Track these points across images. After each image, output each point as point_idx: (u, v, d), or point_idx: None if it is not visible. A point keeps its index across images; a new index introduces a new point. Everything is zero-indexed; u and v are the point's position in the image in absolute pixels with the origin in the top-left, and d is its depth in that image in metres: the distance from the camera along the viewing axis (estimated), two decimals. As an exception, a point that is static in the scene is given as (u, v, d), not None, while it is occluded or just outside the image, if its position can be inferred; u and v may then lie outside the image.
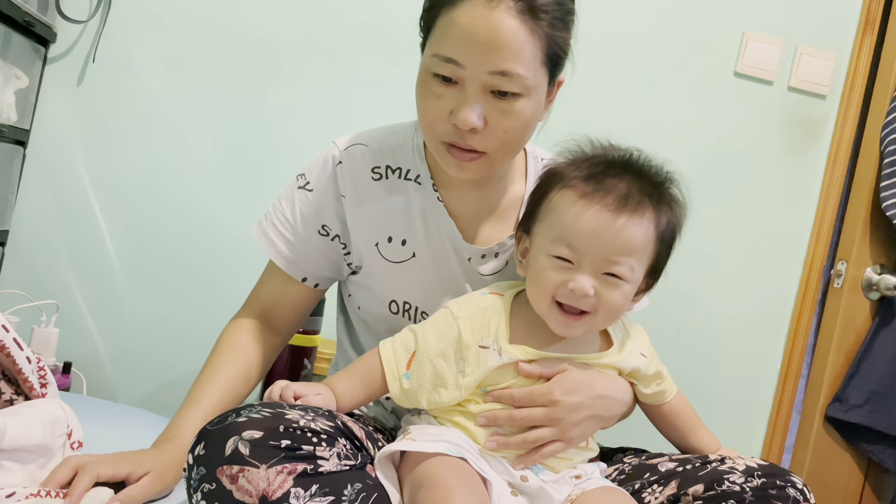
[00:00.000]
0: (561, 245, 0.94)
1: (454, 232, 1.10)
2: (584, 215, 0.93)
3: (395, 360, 0.99)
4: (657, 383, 1.06)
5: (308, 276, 1.14)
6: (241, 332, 1.13)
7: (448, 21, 0.94)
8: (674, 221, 0.98)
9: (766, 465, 0.97)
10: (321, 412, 0.91)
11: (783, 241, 1.93)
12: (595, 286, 0.93)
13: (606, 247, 0.92)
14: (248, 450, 0.81)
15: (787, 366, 1.94)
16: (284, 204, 1.13)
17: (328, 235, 1.12)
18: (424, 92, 0.98)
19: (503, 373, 0.97)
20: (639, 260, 0.95)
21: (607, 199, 0.92)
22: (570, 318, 0.95)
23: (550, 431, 0.96)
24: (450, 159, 1.00)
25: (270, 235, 1.13)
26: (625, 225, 0.92)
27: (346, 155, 1.11)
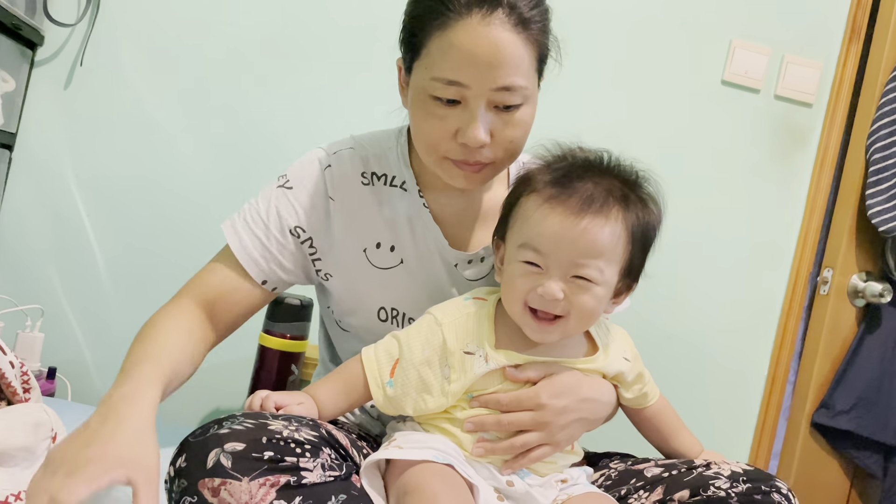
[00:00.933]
0: (528, 250, 0.93)
1: (440, 238, 1.09)
2: (548, 219, 0.92)
3: (377, 369, 0.99)
4: (639, 387, 1.06)
5: (269, 280, 1.07)
6: (185, 316, 1.00)
7: (444, 43, 0.94)
8: (647, 220, 0.96)
9: (751, 471, 0.97)
10: (305, 421, 0.90)
11: (770, 248, 1.94)
12: (564, 290, 0.92)
13: (571, 250, 0.91)
14: (230, 462, 0.80)
15: (774, 372, 1.94)
16: (261, 202, 1.09)
17: (298, 237, 1.08)
18: (425, 114, 0.97)
19: (490, 378, 0.97)
20: (608, 261, 0.93)
21: (570, 202, 0.91)
22: (543, 324, 0.95)
23: (538, 436, 0.96)
24: (457, 172, 1.00)
25: (239, 230, 1.07)
26: (588, 226, 0.91)
27: (335, 159, 1.09)
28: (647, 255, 0.99)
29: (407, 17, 1.00)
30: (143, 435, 0.80)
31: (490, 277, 1.12)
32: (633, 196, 0.96)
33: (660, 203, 0.98)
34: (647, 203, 0.97)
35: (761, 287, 1.94)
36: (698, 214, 1.89)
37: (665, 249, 1.01)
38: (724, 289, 1.93)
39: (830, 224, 1.98)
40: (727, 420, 1.94)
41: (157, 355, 0.91)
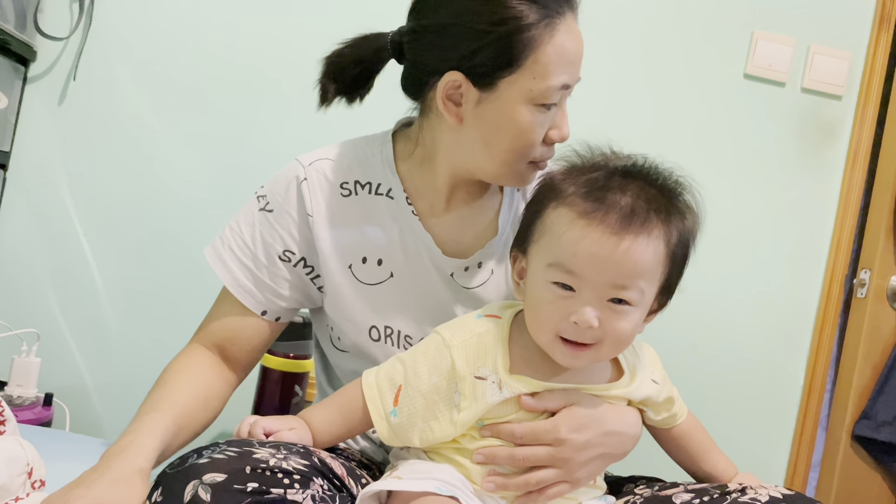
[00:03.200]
0: (559, 271, 0.85)
1: (432, 246, 1.03)
2: (586, 238, 0.83)
3: (379, 397, 0.91)
4: (667, 407, 0.98)
5: (268, 310, 1.04)
6: (196, 360, 1.01)
7: None
8: (686, 233, 0.89)
9: (792, 495, 0.89)
10: (295, 449, 0.84)
11: (802, 250, 1.87)
12: (599, 316, 0.84)
13: (611, 272, 0.83)
14: (209, 495, 0.74)
15: (811, 381, 1.87)
16: (244, 227, 1.04)
17: (290, 261, 1.03)
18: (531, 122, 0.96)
19: (504, 406, 0.89)
20: (649, 281, 0.86)
21: (609, 218, 0.83)
22: (575, 350, 0.87)
23: (555, 473, 0.88)
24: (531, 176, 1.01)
25: (226, 260, 1.03)
26: (631, 246, 0.83)
27: (311, 171, 1.04)
28: (684, 270, 0.92)
29: None
30: (128, 478, 0.79)
31: (490, 284, 1.05)
32: (673, 208, 0.87)
33: (697, 213, 0.90)
34: (687, 214, 0.89)
35: (793, 290, 1.87)
36: (723, 215, 1.81)
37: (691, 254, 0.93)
38: (753, 293, 1.86)
39: (865, 223, 1.92)
40: (763, 433, 1.87)
41: (163, 405, 0.91)
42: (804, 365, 1.86)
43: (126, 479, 0.79)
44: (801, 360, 1.87)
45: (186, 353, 1.02)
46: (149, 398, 0.95)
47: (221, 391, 1.02)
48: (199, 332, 1.05)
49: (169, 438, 0.89)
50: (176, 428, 0.91)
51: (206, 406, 0.98)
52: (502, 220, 1.06)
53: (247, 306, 1.03)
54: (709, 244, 1.77)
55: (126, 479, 0.79)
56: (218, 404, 1.01)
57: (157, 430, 0.88)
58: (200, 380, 0.99)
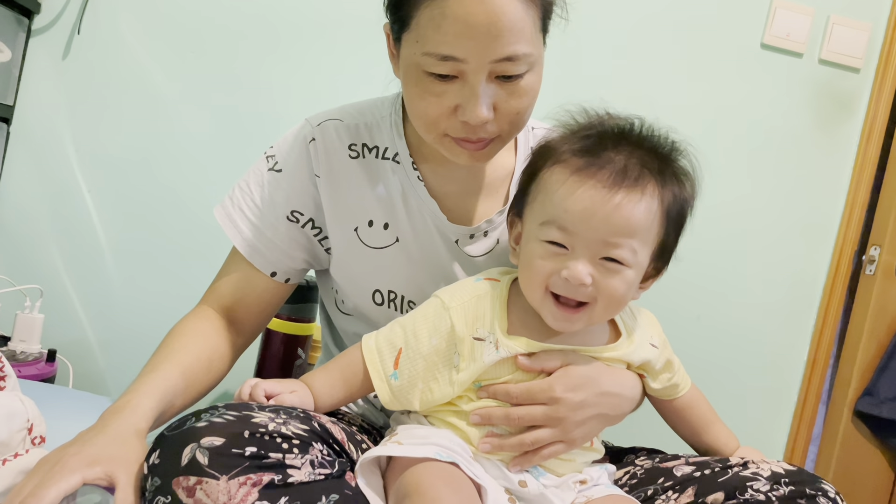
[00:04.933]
0: (552, 228, 0.85)
1: (437, 213, 1.02)
2: (577, 193, 0.83)
3: (380, 361, 0.91)
4: (668, 376, 0.97)
5: (278, 270, 1.03)
6: (202, 322, 1.00)
7: (436, 14, 0.84)
8: (682, 196, 0.88)
9: (794, 471, 0.89)
10: (295, 413, 0.83)
11: (811, 223, 1.85)
12: (592, 273, 0.84)
13: (603, 227, 0.83)
14: (206, 459, 0.73)
15: (815, 356, 1.86)
16: (253, 187, 1.03)
17: (298, 222, 1.03)
18: (419, 91, 0.89)
19: (500, 367, 0.89)
20: (642, 241, 0.85)
21: (602, 174, 0.83)
22: (566, 311, 0.86)
23: (551, 432, 0.88)
24: (460, 150, 0.92)
25: (236, 220, 1.02)
26: (623, 201, 0.82)
27: (319, 132, 1.02)
28: (680, 236, 0.91)
29: None
30: (125, 438, 0.79)
31: (494, 253, 1.04)
32: (668, 170, 0.87)
33: (695, 179, 0.89)
34: (682, 178, 0.88)
35: (801, 265, 1.85)
36: (732, 186, 1.81)
37: (695, 222, 0.92)
38: (760, 266, 1.84)
39: (878, 199, 1.89)
40: (764, 407, 1.87)
41: (165, 366, 0.90)
42: (808, 339, 1.85)
43: (122, 438, 0.78)
44: (806, 335, 1.86)
45: (193, 315, 1.01)
46: (152, 359, 0.94)
47: (226, 354, 1.01)
48: (207, 293, 1.04)
49: (169, 399, 0.89)
50: (177, 389, 0.90)
51: (209, 368, 0.97)
52: (513, 189, 1.05)
53: (256, 267, 1.02)
54: (716, 214, 1.81)
55: (122, 438, 0.78)
56: (222, 367, 1.00)
57: (156, 390, 0.88)
58: (205, 342, 0.98)
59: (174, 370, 0.92)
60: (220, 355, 0.99)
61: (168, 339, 0.98)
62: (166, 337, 0.99)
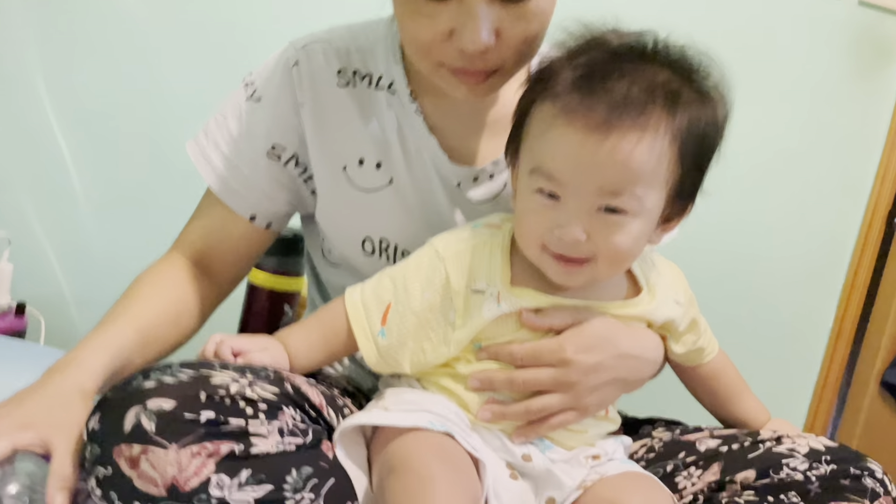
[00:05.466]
0: (540, 177, 0.74)
1: (437, 151, 0.90)
2: (565, 136, 0.71)
3: (366, 317, 0.81)
4: (694, 338, 0.87)
5: (257, 214, 0.94)
6: (169, 270, 0.92)
7: None
8: (704, 120, 0.74)
9: (836, 448, 0.79)
10: (264, 374, 0.73)
11: (843, 180, 1.75)
12: (588, 229, 0.73)
13: (597, 176, 0.71)
14: (153, 425, 0.64)
15: (841, 324, 1.78)
16: (230, 119, 0.93)
17: (280, 158, 0.92)
18: (408, 11, 0.77)
19: (502, 324, 0.79)
20: (648, 185, 0.72)
21: (594, 113, 0.70)
22: (567, 266, 0.75)
23: (560, 398, 0.78)
24: (456, 83, 0.80)
25: (210, 156, 0.93)
26: (618, 144, 0.70)
27: (303, 54, 0.91)
28: (708, 166, 0.77)
29: None
30: (67, 397, 0.72)
31: (501, 198, 0.93)
32: (685, 91, 0.73)
33: (725, 95, 0.76)
34: (704, 100, 0.74)
35: (830, 225, 1.76)
36: (760, 138, 1.68)
37: (715, 177, 0.81)
38: (785, 225, 1.75)
39: None
40: (784, 376, 1.79)
41: (121, 319, 0.83)
42: (835, 305, 1.78)
43: (63, 399, 0.71)
44: (832, 301, 1.78)
45: (160, 263, 0.93)
46: (109, 311, 0.85)
47: (198, 307, 0.92)
48: (178, 239, 0.96)
49: (126, 356, 0.80)
50: (134, 345, 0.81)
51: (176, 322, 0.88)
52: None
53: (233, 209, 0.93)
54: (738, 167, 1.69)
55: (63, 399, 0.71)
56: (193, 321, 0.91)
57: (109, 345, 0.79)
58: (172, 293, 0.89)
59: (132, 323, 0.83)
60: (189, 308, 0.90)
61: (128, 290, 0.88)
62: (128, 287, 0.89)
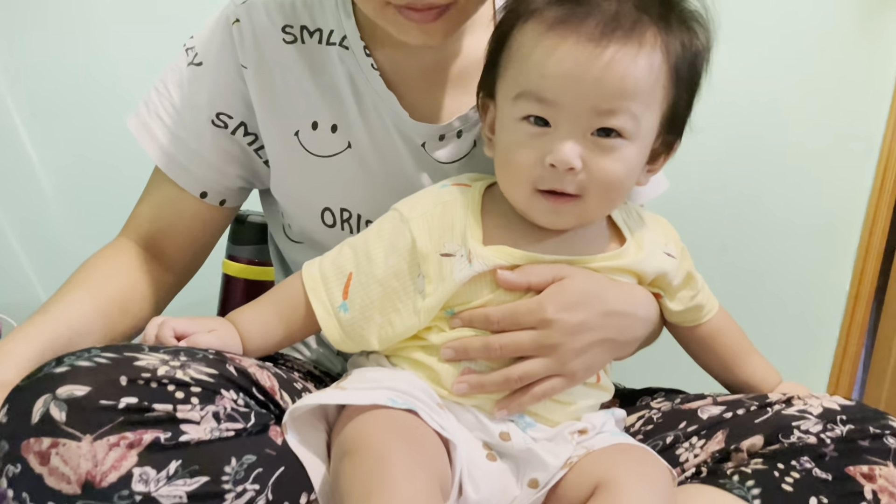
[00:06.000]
0: (529, 101, 0.68)
1: (397, 109, 0.83)
2: (557, 51, 0.67)
3: (325, 290, 0.74)
4: (690, 294, 0.79)
5: (208, 190, 0.88)
6: (116, 255, 0.86)
7: None
8: (694, 47, 0.71)
9: (851, 406, 0.72)
10: (201, 355, 0.66)
11: (851, 134, 1.64)
12: (583, 154, 0.67)
13: (592, 92, 0.66)
14: (64, 414, 0.57)
15: (858, 287, 1.68)
16: (171, 87, 0.87)
17: (227, 127, 0.86)
18: None
19: (476, 286, 0.72)
20: (645, 105, 0.68)
21: (587, 24, 0.66)
22: (557, 202, 0.69)
23: (543, 363, 0.70)
24: (405, 23, 0.73)
25: (153, 130, 0.87)
26: (616, 56, 0.66)
27: (244, 10, 0.84)
28: (695, 99, 0.73)
29: None
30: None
31: (472, 158, 0.86)
32: (673, 13, 0.69)
33: (707, 25, 0.72)
34: (691, 23, 0.71)
35: (840, 183, 1.66)
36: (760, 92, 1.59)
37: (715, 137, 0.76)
38: (792, 185, 1.65)
39: None
40: (800, 346, 1.69)
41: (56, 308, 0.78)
42: (850, 266, 1.68)
43: None
44: (848, 263, 1.68)
45: (106, 248, 0.88)
46: (46, 301, 0.79)
47: (148, 293, 0.86)
48: (126, 222, 0.91)
49: (62, 346, 0.73)
50: (72, 334, 0.76)
51: (123, 310, 0.82)
52: None
53: (182, 186, 0.87)
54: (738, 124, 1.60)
55: None
56: (143, 308, 0.85)
57: (40, 335, 0.74)
58: (119, 278, 0.84)
59: (70, 311, 0.77)
60: (139, 295, 0.85)
61: (70, 278, 0.83)
62: (72, 276, 0.83)
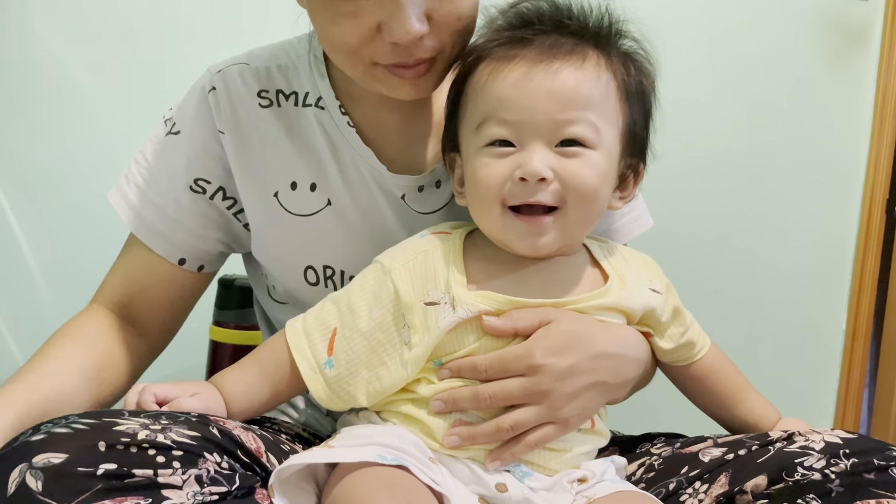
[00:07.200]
0: (490, 126, 0.70)
1: (375, 164, 0.84)
2: (510, 75, 0.70)
3: (309, 346, 0.73)
4: (680, 330, 0.78)
5: (187, 256, 0.87)
6: (89, 323, 0.84)
7: None
8: (638, 77, 0.75)
9: (855, 439, 0.70)
10: (184, 418, 0.64)
11: (834, 174, 1.66)
12: (552, 164, 0.68)
13: (548, 104, 0.69)
14: (40, 483, 0.55)
15: (854, 325, 1.67)
16: (150, 157, 0.87)
17: (205, 192, 0.85)
18: (329, 16, 0.72)
19: (462, 334, 0.70)
20: (601, 115, 0.70)
21: (532, 49, 0.70)
22: (535, 223, 0.70)
23: (535, 410, 0.69)
24: (397, 81, 0.75)
25: (131, 198, 0.86)
26: (563, 66, 0.70)
27: (220, 79, 0.85)
28: (650, 128, 0.77)
29: None
30: None
31: (452, 208, 0.86)
32: (613, 47, 0.74)
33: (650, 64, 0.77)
34: (633, 59, 0.75)
35: (828, 222, 1.67)
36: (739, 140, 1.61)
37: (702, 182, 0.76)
38: (780, 228, 1.65)
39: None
40: (801, 388, 1.67)
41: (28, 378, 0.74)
42: (845, 305, 1.67)
43: None
44: (842, 302, 1.67)
45: (80, 315, 0.85)
46: (22, 367, 0.76)
47: (124, 361, 0.83)
48: (98, 290, 0.89)
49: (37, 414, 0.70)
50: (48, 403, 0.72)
51: (98, 379, 0.79)
52: None
53: (158, 253, 0.85)
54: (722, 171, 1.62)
55: None
56: (118, 377, 0.82)
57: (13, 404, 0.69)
58: (95, 347, 0.81)
59: (47, 380, 0.74)
60: (113, 363, 0.82)
61: (45, 346, 0.80)
62: (45, 345, 0.80)
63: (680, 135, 1.60)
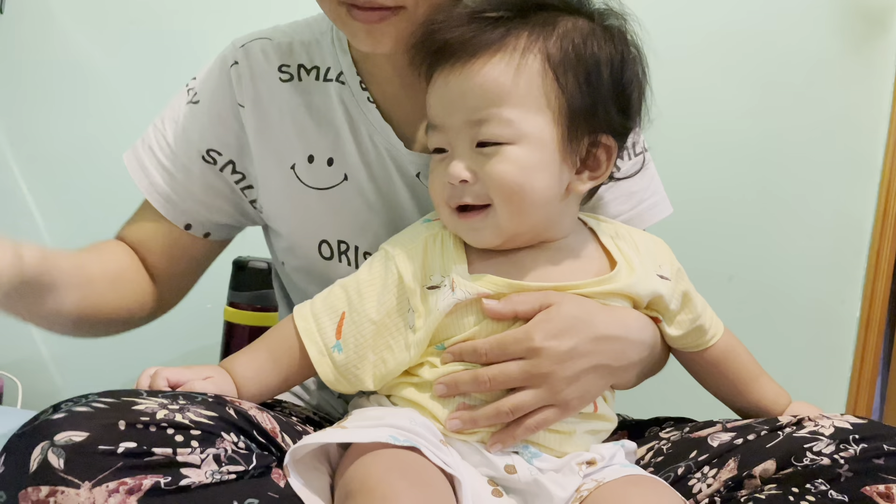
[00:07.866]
0: (431, 133, 0.75)
1: (392, 140, 0.85)
2: (436, 80, 0.73)
3: (318, 330, 0.73)
4: (690, 317, 0.78)
5: (193, 222, 0.89)
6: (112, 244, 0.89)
7: None
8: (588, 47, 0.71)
9: (863, 424, 0.70)
10: (200, 398, 0.65)
11: (851, 160, 1.63)
12: (471, 167, 0.71)
13: (460, 106, 0.71)
14: (62, 461, 0.56)
15: (869, 312, 1.64)
16: (167, 124, 0.89)
17: (216, 163, 0.87)
18: None
19: (462, 317, 0.71)
20: (518, 107, 0.70)
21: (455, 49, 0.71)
22: (469, 218, 0.72)
23: (534, 393, 0.70)
24: (353, 25, 0.75)
25: (145, 162, 0.89)
26: (475, 67, 0.70)
27: (242, 53, 0.87)
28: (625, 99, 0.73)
29: None
30: None
31: None
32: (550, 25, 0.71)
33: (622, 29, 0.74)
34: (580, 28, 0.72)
35: (844, 210, 1.64)
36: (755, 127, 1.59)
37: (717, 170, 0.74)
38: (795, 215, 1.63)
39: None
40: (813, 376, 1.65)
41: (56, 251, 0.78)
42: (860, 294, 1.65)
43: None
44: (857, 289, 1.65)
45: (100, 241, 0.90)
46: None
47: (136, 282, 0.87)
48: None
49: (49, 264, 0.74)
50: (67, 270, 0.77)
51: (114, 280, 0.84)
52: None
53: (166, 217, 0.88)
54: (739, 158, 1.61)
55: None
56: (130, 291, 0.86)
57: None
58: (111, 256, 0.86)
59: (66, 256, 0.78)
60: (129, 277, 0.86)
61: None
62: None
63: (696, 119, 1.60)
